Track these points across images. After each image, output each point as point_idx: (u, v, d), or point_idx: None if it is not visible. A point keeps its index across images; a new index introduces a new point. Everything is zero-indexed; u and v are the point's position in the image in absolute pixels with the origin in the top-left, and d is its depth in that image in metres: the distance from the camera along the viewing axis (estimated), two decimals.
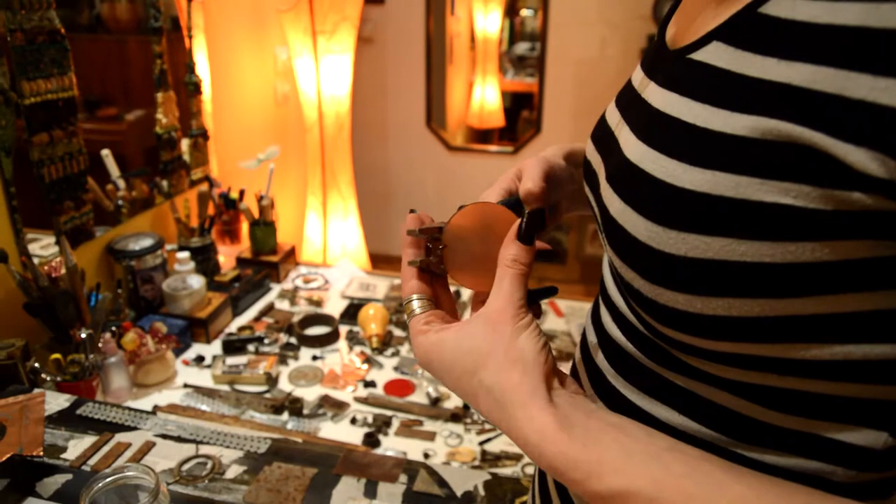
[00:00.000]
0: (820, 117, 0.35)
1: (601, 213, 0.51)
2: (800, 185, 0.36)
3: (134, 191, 1.68)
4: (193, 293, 1.51)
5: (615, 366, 0.54)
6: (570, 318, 1.72)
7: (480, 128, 3.91)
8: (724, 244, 0.39)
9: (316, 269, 1.92)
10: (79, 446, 0.99)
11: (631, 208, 0.45)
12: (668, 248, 0.41)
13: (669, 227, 0.41)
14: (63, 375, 1.22)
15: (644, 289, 0.44)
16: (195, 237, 1.70)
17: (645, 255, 0.43)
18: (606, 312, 0.56)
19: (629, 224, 0.45)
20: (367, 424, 1.26)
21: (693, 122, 0.42)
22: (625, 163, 0.47)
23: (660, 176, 0.43)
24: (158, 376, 1.35)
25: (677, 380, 0.47)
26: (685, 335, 0.43)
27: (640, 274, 0.44)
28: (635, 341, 0.51)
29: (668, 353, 0.47)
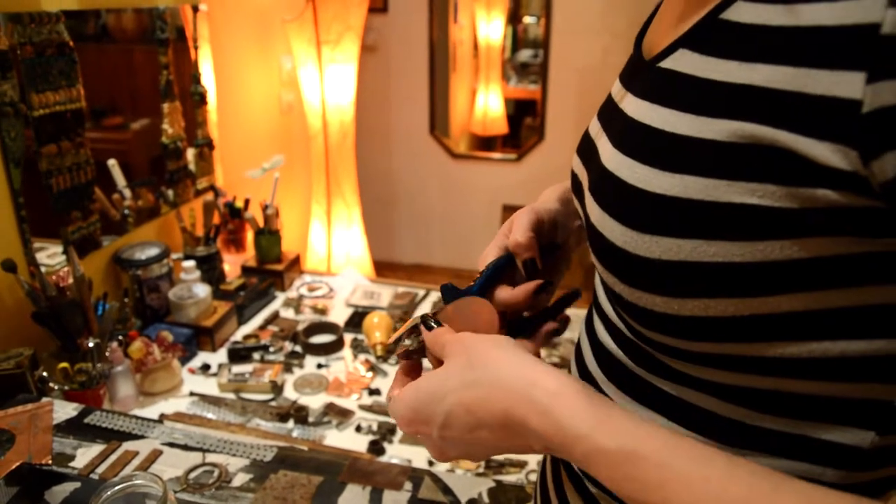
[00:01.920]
0: (782, 115, 0.36)
1: (586, 221, 0.52)
2: (766, 185, 0.37)
3: (140, 200, 1.69)
4: (199, 302, 1.52)
5: (606, 372, 0.54)
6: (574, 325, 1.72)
7: (484, 135, 3.92)
8: (695, 246, 0.40)
9: (320, 277, 1.93)
10: (87, 455, 1.00)
11: (608, 215, 0.46)
12: (643, 252, 0.43)
13: (643, 232, 0.43)
14: (70, 384, 1.23)
15: (625, 293, 0.46)
16: (201, 246, 1.71)
17: (623, 259, 0.44)
18: (598, 319, 0.57)
19: (607, 230, 0.46)
20: (372, 432, 1.26)
21: (662, 127, 0.43)
22: (603, 172, 0.49)
23: (633, 182, 0.44)
24: (165, 385, 1.36)
25: (664, 385, 0.48)
26: (666, 337, 0.44)
27: (619, 278, 0.46)
28: (624, 347, 0.52)
29: (653, 358, 0.48)
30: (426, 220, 3.89)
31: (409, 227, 3.92)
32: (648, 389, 0.49)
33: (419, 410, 0.48)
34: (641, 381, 0.50)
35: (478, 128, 3.90)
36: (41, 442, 1.03)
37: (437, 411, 0.47)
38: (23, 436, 1.04)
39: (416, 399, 0.49)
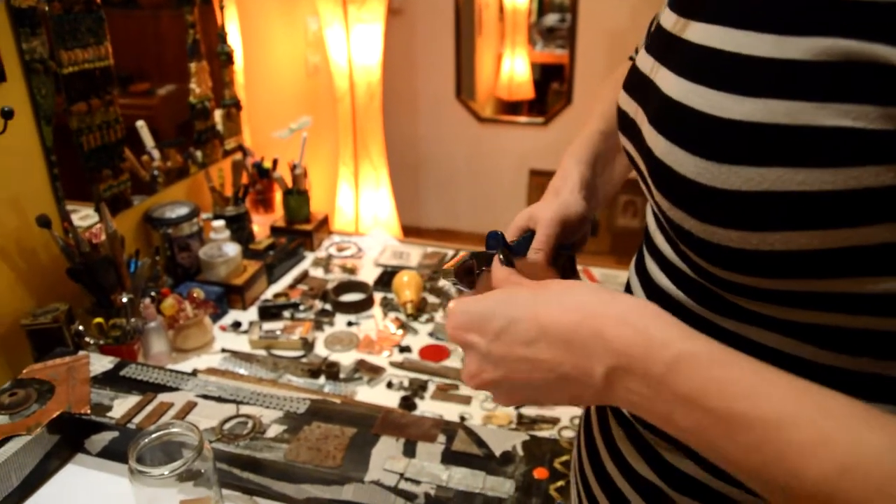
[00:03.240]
0: (882, 28, 0.33)
1: (645, 157, 0.50)
2: (861, 106, 0.34)
3: (169, 161, 1.69)
4: (229, 260, 1.53)
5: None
6: (604, 285, 1.72)
7: (510, 100, 3.87)
8: (780, 174, 0.37)
9: (349, 237, 1.92)
10: (123, 405, 1.01)
11: (678, 146, 0.44)
12: (719, 184, 0.40)
13: (720, 162, 0.40)
14: (105, 339, 1.25)
15: (695, 229, 0.43)
16: (230, 206, 1.71)
17: (694, 193, 0.42)
18: (653, 262, 0.55)
19: (676, 163, 0.44)
20: (403, 388, 1.27)
21: (738, 51, 0.41)
22: (667, 102, 0.46)
23: (707, 110, 0.41)
24: (197, 341, 1.37)
25: (732, 325, 0.46)
26: (742, 275, 0.42)
27: (690, 213, 0.43)
28: (685, 288, 0.50)
29: (720, 299, 0.46)
30: (452, 184, 3.87)
31: (435, 191, 3.90)
32: (713, 331, 0.47)
33: (478, 315, 0.47)
34: (705, 322, 0.48)
35: (503, 93, 3.85)
36: (79, 393, 1.04)
37: (500, 316, 0.45)
38: (62, 387, 1.05)
39: (479, 304, 0.47)
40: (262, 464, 0.91)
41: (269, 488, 0.93)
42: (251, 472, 0.93)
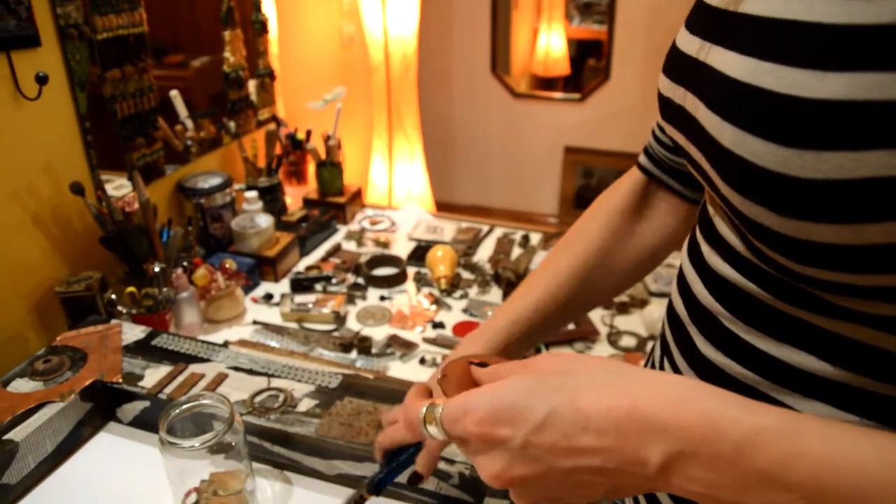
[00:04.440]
0: None
1: (707, 148, 0.44)
2: None
3: (202, 131, 1.68)
4: (262, 232, 1.51)
5: (732, 309, 0.47)
6: None
7: (545, 76, 3.79)
8: (880, 158, 0.32)
9: (382, 211, 1.90)
10: (155, 375, 1.00)
11: (751, 134, 0.38)
12: (804, 173, 0.35)
13: (804, 148, 0.35)
14: (138, 308, 1.24)
15: (775, 225, 0.38)
16: (262, 177, 1.70)
17: (774, 186, 0.37)
18: (712, 250, 0.50)
19: (750, 152, 0.38)
20: (436, 365, 1.24)
21: (818, 20, 0.35)
22: (731, 85, 0.41)
23: (783, 90, 0.36)
24: (228, 312, 1.36)
25: (810, 318, 0.41)
26: (834, 273, 0.37)
27: (769, 208, 0.38)
28: (759, 281, 0.44)
29: (805, 293, 0.41)
30: (486, 161, 3.82)
31: (468, 167, 3.86)
32: (793, 326, 0.43)
33: (509, 405, 0.41)
34: (783, 317, 0.43)
35: (539, 68, 3.77)
36: (111, 361, 1.03)
37: (537, 406, 0.40)
38: (94, 355, 1.04)
39: (503, 393, 0.42)
40: (293, 438, 0.90)
41: (299, 463, 0.91)
42: (282, 447, 0.91)
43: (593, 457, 0.39)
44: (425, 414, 0.47)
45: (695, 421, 0.36)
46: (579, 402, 0.39)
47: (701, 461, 0.35)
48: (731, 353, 0.48)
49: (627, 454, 0.38)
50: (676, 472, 0.37)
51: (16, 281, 1.19)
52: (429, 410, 0.46)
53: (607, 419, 0.38)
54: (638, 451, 0.37)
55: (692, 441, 0.36)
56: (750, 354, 0.46)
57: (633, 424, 0.37)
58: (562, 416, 0.39)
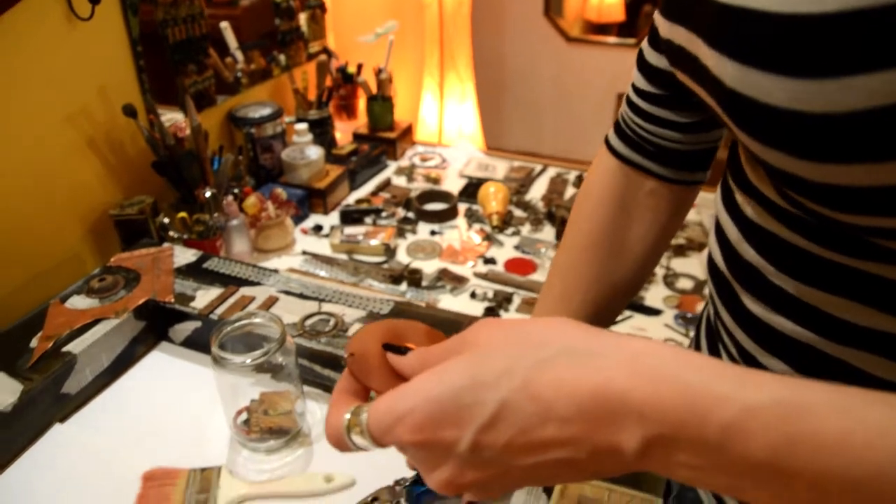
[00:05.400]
0: None
1: (715, 91, 0.38)
2: None
3: (252, 64, 1.65)
4: (312, 163, 1.49)
5: (775, 261, 0.42)
6: (701, 208, 1.61)
7: (598, 22, 3.64)
8: None
9: (433, 148, 1.86)
10: (206, 297, 1.00)
11: (755, 68, 0.32)
12: (823, 107, 0.29)
13: (821, 76, 0.29)
14: (189, 234, 1.24)
15: (799, 171, 0.33)
16: (313, 110, 1.67)
17: (789, 125, 0.31)
18: (746, 197, 0.44)
19: (757, 90, 0.32)
20: (488, 299, 1.22)
21: None
22: (724, 11, 0.35)
23: (788, 9, 0.30)
24: (278, 242, 1.35)
25: (872, 269, 0.36)
26: (874, 218, 0.32)
27: (788, 153, 0.32)
28: (799, 230, 0.40)
29: (851, 239, 0.36)
30: (537, 106, 3.73)
31: (518, 111, 3.77)
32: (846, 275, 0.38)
33: (450, 404, 0.33)
34: (833, 267, 0.38)
35: (592, 14, 3.63)
36: (164, 283, 1.03)
37: (484, 401, 0.33)
38: (147, 276, 1.05)
39: (440, 389, 0.34)
40: (343, 362, 0.88)
41: None
42: (332, 370, 0.90)
43: (559, 449, 0.32)
44: (349, 421, 0.38)
45: (675, 401, 0.29)
46: (535, 387, 0.32)
47: (684, 446, 0.30)
48: (780, 309, 0.43)
49: (599, 442, 0.31)
50: (658, 458, 0.31)
51: (72, 204, 1.20)
52: (353, 416, 0.38)
53: (570, 405, 0.31)
54: (610, 438, 0.31)
55: (673, 425, 0.29)
56: (801, 310, 0.41)
57: (602, 409, 0.31)
58: (516, 408, 0.32)
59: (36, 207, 1.13)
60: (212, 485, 0.77)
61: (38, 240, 1.14)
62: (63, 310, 0.97)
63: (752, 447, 0.28)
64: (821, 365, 0.43)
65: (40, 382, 0.85)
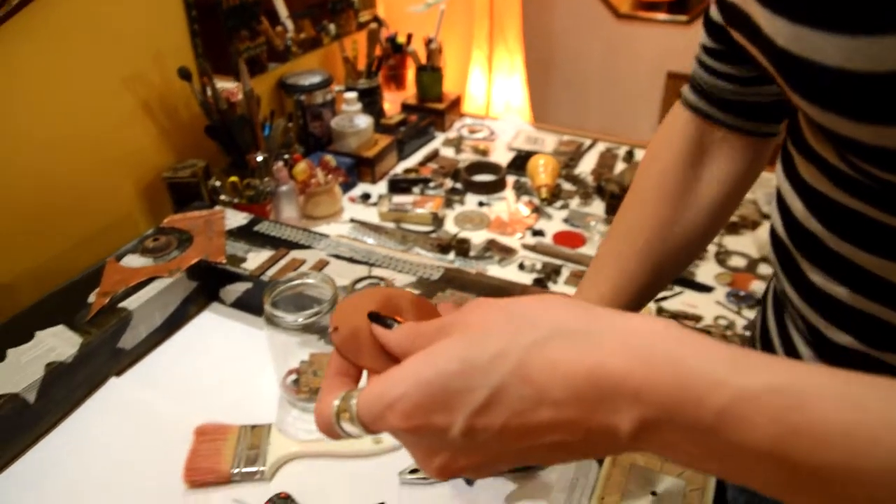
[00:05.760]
0: None
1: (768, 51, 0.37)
2: None
3: (302, 32, 1.65)
4: (361, 132, 1.49)
5: (836, 229, 0.41)
6: (756, 187, 1.55)
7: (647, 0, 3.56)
8: None
9: (481, 120, 1.84)
10: (257, 259, 1.00)
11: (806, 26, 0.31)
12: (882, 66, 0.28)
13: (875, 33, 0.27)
14: (239, 198, 1.25)
15: (855, 133, 0.31)
16: (362, 79, 1.66)
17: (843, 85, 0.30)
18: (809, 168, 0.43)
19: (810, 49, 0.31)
20: (536, 271, 1.20)
21: None
22: None
23: None
24: (326, 209, 1.36)
25: None
26: None
27: (843, 114, 0.31)
28: (861, 196, 0.38)
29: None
30: (584, 83, 3.66)
31: (565, 88, 3.72)
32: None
33: (441, 389, 0.32)
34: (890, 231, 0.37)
35: None
36: (216, 244, 1.04)
37: (477, 386, 0.31)
38: (199, 237, 1.06)
39: (431, 374, 0.32)
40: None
41: None
42: None
43: (553, 433, 0.31)
44: (338, 408, 0.36)
45: (669, 383, 0.28)
46: (528, 370, 0.31)
47: (678, 429, 0.29)
48: (841, 279, 0.41)
49: (594, 425, 0.30)
50: (652, 439, 0.30)
51: (127, 166, 1.22)
52: (342, 402, 0.36)
53: (565, 389, 0.30)
54: (605, 420, 0.30)
55: (667, 407, 0.28)
56: (862, 278, 0.39)
57: (597, 391, 0.30)
58: (509, 392, 0.31)
59: (92, 169, 1.15)
60: (262, 441, 0.78)
61: (93, 201, 1.16)
62: (118, 268, 0.99)
63: (749, 435, 0.27)
64: (885, 337, 0.41)
65: (98, 336, 0.86)
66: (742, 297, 1.19)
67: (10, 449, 0.79)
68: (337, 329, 0.42)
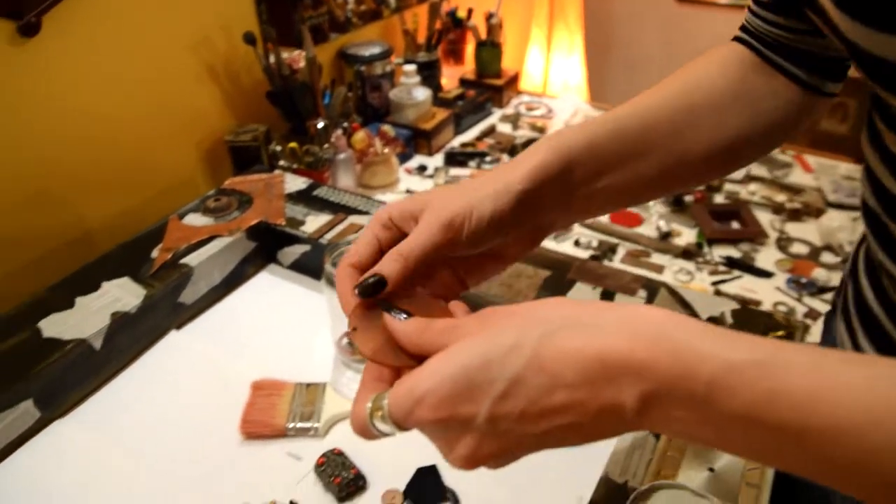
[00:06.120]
0: None
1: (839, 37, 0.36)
2: None
3: (363, 4, 1.65)
4: (419, 104, 1.48)
5: None
6: (819, 174, 1.52)
7: None
8: None
9: (539, 98, 1.82)
10: (315, 222, 1.01)
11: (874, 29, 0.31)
12: None
13: None
14: (298, 163, 1.26)
15: None
16: (422, 52, 1.66)
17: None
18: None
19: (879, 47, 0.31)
20: (592, 248, 1.19)
21: None
22: None
23: None
24: (383, 179, 1.36)
25: None
26: None
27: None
28: None
29: None
30: (643, 67, 3.59)
31: (624, 70, 3.64)
32: None
33: (465, 382, 0.35)
34: None
35: None
36: (275, 206, 1.05)
37: (496, 378, 0.34)
38: (259, 200, 1.07)
39: (454, 369, 0.35)
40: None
41: None
42: None
43: (566, 414, 0.34)
44: (371, 408, 0.38)
45: (667, 359, 0.31)
46: (541, 359, 0.34)
47: (677, 402, 0.31)
48: None
49: (603, 402, 0.33)
50: (655, 414, 0.32)
51: (190, 129, 1.24)
52: (374, 402, 0.38)
53: (576, 373, 0.33)
54: (613, 397, 0.32)
55: (666, 381, 0.31)
56: None
57: (604, 372, 0.32)
58: (526, 381, 0.34)
59: (157, 132, 1.17)
60: (317, 399, 0.79)
61: (157, 162, 1.19)
62: (181, 225, 1.01)
63: (736, 401, 0.30)
64: None
65: (160, 290, 0.88)
66: (804, 283, 1.16)
67: (78, 391, 0.81)
68: (355, 329, 0.44)
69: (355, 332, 0.44)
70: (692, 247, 1.21)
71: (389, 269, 0.44)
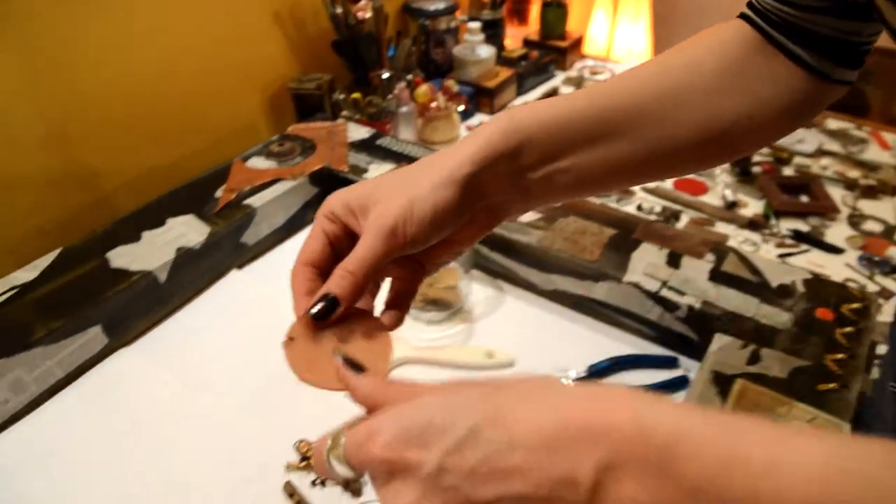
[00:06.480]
0: None
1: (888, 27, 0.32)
2: None
3: None
4: (482, 62, 1.46)
5: None
6: None
7: None
8: None
9: (604, 63, 1.78)
10: (378, 170, 1.01)
11: None
12: None
13: None
14: (361, 114, 1.25)
15: None
16: (486, 10, 1.63)
17: None
18: None
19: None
20: (655, 213, 1.16)
21: None
22: None
23: None
24: (444, 135, 1.34)
25: None
26: None
27: None
28: None
29: None
30: None
31: None
32: None
33: (421, 426, 0.34)
34: None
35: None
36: (338, 154, 1.05)
37: (454, 425, 0.33)
38: (322, 146, 1.07)
39: (412, 413, 0.35)
40: (514, 246, 0.87)
41: (515, 273, 0.89)
42: (500, 254, 0.89)
43: (517, 480, 0.32)
44: (331, 444, 0.38)
45: (625, 424, 0.30)
46: (504, 417, 0.33)
47: (632, 472, 0.30)
48: None
49: (557, 473, 0.31)
50: (609, 491, 0.30)
51: (255, 75, 1.24)
52: (335, 440, 0.38)
53: (536, 436, 0.32)
54: (567, 468, 0.31)
55: (623, 448, 0.30)
56: None
57: (564, 437, 0.31)
58: (484, 435, 0.32)
59: (221, 76, 1.17)
60: None
61: (221, 106, 1.19)
62: (244, 168, 1.01)
63: (689, 469, 0.29)
64: None
65: (223, 228, 0.89)
66: (876, 262, 1.12)
67: (143, 321, 0.83)
68: (293, 339, 0.45)
69: (291, 342, 0.45)
70: (759, 218, 1.17)
71: (339, 287, 0.44)
